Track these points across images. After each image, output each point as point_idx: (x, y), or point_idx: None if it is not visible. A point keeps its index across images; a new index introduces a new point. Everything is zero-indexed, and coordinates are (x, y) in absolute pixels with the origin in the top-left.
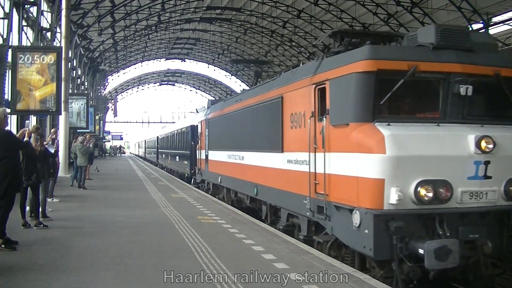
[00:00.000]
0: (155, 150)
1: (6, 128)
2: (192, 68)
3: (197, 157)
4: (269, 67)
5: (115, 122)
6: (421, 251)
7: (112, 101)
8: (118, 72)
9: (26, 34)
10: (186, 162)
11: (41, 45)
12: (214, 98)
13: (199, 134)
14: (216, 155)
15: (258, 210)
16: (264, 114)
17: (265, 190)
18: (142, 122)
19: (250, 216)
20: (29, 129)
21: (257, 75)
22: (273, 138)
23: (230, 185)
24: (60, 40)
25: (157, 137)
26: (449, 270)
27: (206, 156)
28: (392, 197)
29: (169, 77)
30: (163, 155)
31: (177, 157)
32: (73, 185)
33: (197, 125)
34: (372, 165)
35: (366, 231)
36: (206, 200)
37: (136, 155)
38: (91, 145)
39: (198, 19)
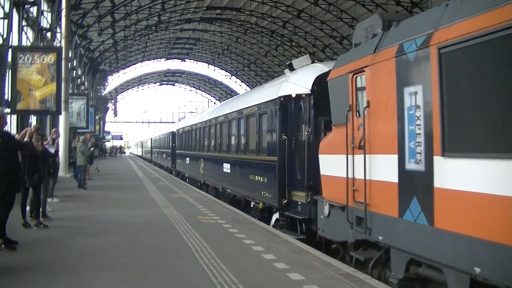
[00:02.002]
0: (170, 151)
1: (5, 129)
2: (192, 68)
3: (333, 173)
4: None
5: (115, 122)
6: None
7: (112, 101)
8: (118, 72)
9: (26, 34)
10: (261, 179)
11: (41, 45)
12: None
13: (345, 110)
14: None
15: None
16: None
17: None
18: (142, 122)
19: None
20: (30, 129)
21: None
22: None
23: None
24: (60, 40)
25: (172, 132)
26: None
27: None
28: None
29: (169, 77)
30: (187, 159)
31: (227, 166)
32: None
33: (305, 96)
34: None
35: None
36: (206, 200)
37: (138, 156)
38: (91, 149)
39: (198, 19)
